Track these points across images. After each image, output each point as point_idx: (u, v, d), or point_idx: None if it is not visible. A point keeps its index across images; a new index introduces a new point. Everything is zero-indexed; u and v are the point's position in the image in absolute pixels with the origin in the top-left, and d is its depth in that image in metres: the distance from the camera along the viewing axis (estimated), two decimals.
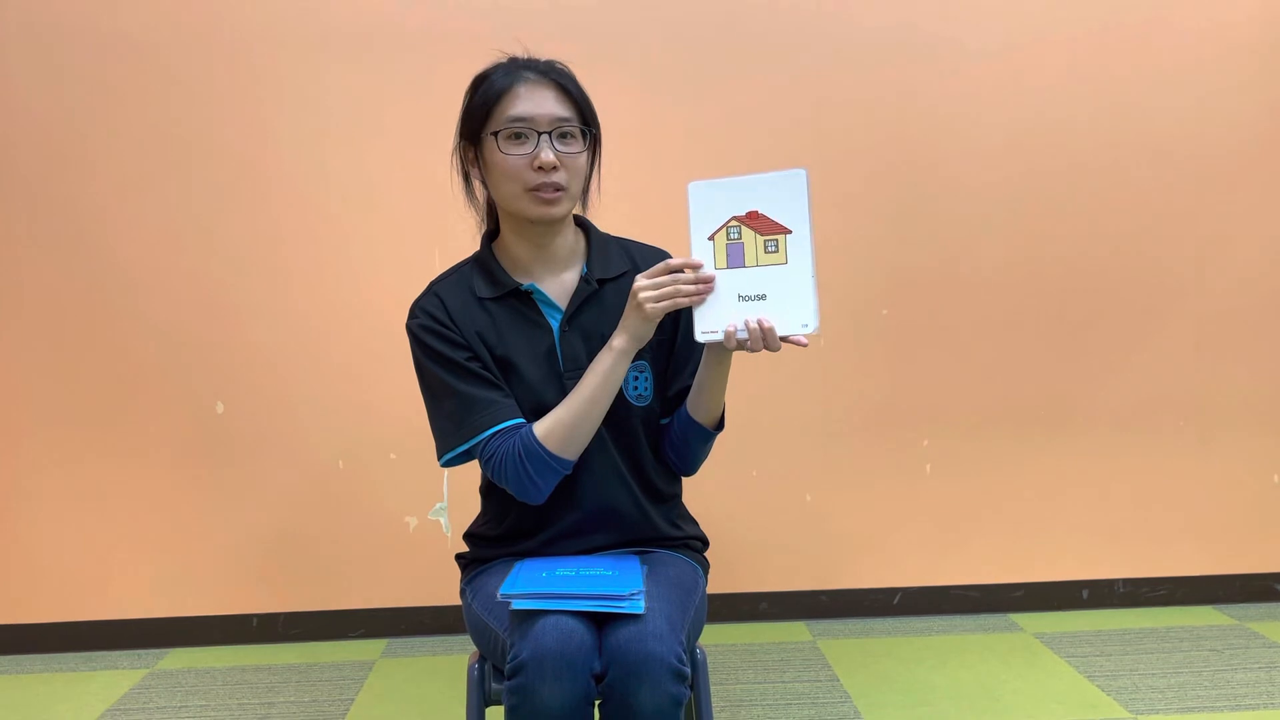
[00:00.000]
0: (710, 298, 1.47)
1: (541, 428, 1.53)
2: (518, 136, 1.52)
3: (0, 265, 2.75)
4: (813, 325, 1.44)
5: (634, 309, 1.50)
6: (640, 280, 1.49)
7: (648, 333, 1.52)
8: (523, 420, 1.56)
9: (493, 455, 1.54)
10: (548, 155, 1.52)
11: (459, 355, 1.57)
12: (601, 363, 1.53)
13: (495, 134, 1.53)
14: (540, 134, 1.52)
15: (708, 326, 1.48)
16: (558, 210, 1.56)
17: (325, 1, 2.73)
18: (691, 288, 1.47)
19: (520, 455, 1.52)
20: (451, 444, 1.58)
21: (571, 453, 1.54)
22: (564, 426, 1.52)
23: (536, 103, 1.52)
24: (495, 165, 1.54)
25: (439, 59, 2.71)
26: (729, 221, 1.47)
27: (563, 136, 1.54)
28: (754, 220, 1.46)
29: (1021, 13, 2.81)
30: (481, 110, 1.55)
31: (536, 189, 1.53)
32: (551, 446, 1.52)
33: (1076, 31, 2.82)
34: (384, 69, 2.74)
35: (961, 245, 2.87)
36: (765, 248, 1.46)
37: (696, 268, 1.47)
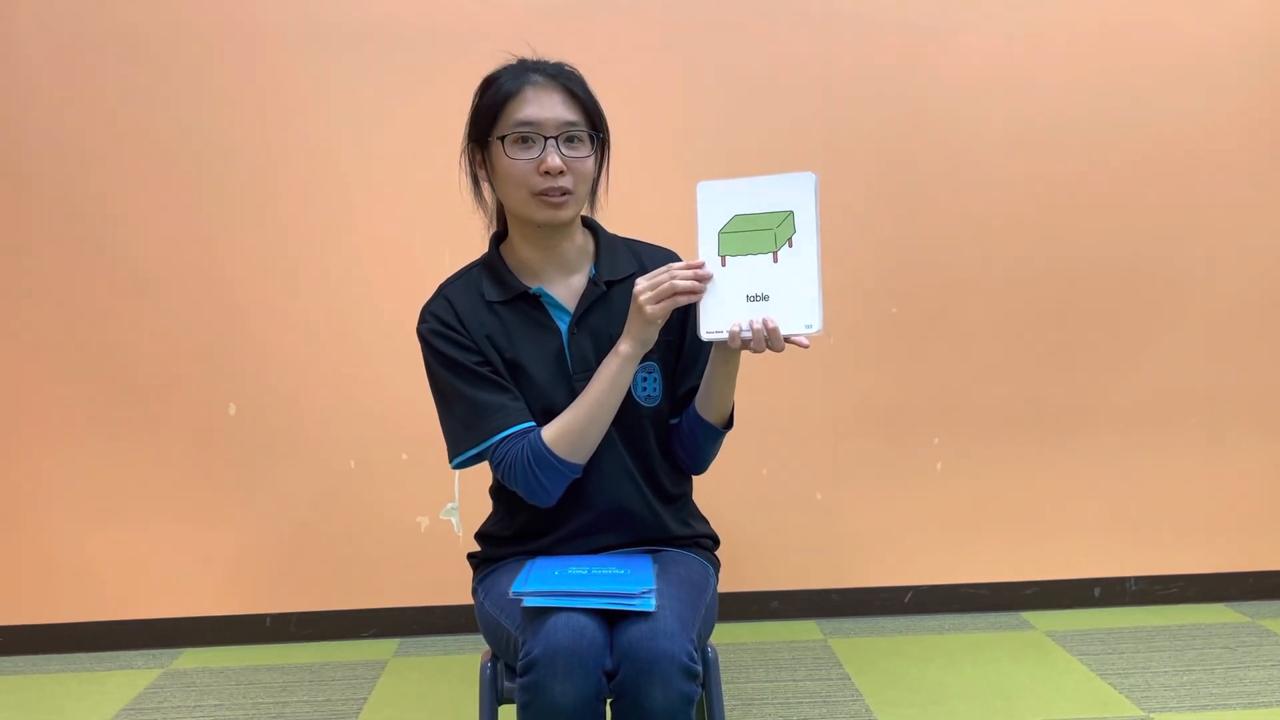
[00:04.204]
0: (714, 297, 1.48)
1: (550, 432, 1.54)
2: (524, 141, 1.53)
3: (14, 268, 2.77)
4: (816, 325, 1.45)
5: (635, 311, 1.50)
6: (640, 283, 1.50)
7: (651, 336, 1.52)
8: (532, 424, 1.57)
9: (503, 459, 1.55)
10: (554, 160, 1.52)
11: (468, 359, 1.58)
12: (608, 367, 1.54)
13: (502, 138, 1.53)
14: (547, 138, 1.52)
15: (712, 326, 1.49)
16: (563, 214, 1.56)
17: (334, 1, 2.74)
18: (686, 283, 1.47)
19: (529, 460, 1.53)
20: (462, 448, 1.59)
21: (580, 456, 1.55)
22: (572, 431, 1.53)
23: (543, 106, 1.53)
24: (502, 170, 1.55)
25: (448, 58, 2.72)
26: (735, 221, 1.48)
27: (570, 140, 1.54)
28: (761, 222, 1.47)
29: (1030, 10, 2.80)
30: (489, 113, 1.55)
31: (543, 193, 1.53)
32: (560, 451, 1.53)
33: (1086, 28, 2.81)
34: (393, 69, 2.75)
35: (971, 243, 2.86)
36: (772, 249, 1.46)
37: (697, 267, 1.48)
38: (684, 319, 1.65)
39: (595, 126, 1.58)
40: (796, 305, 1.45)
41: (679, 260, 1.68)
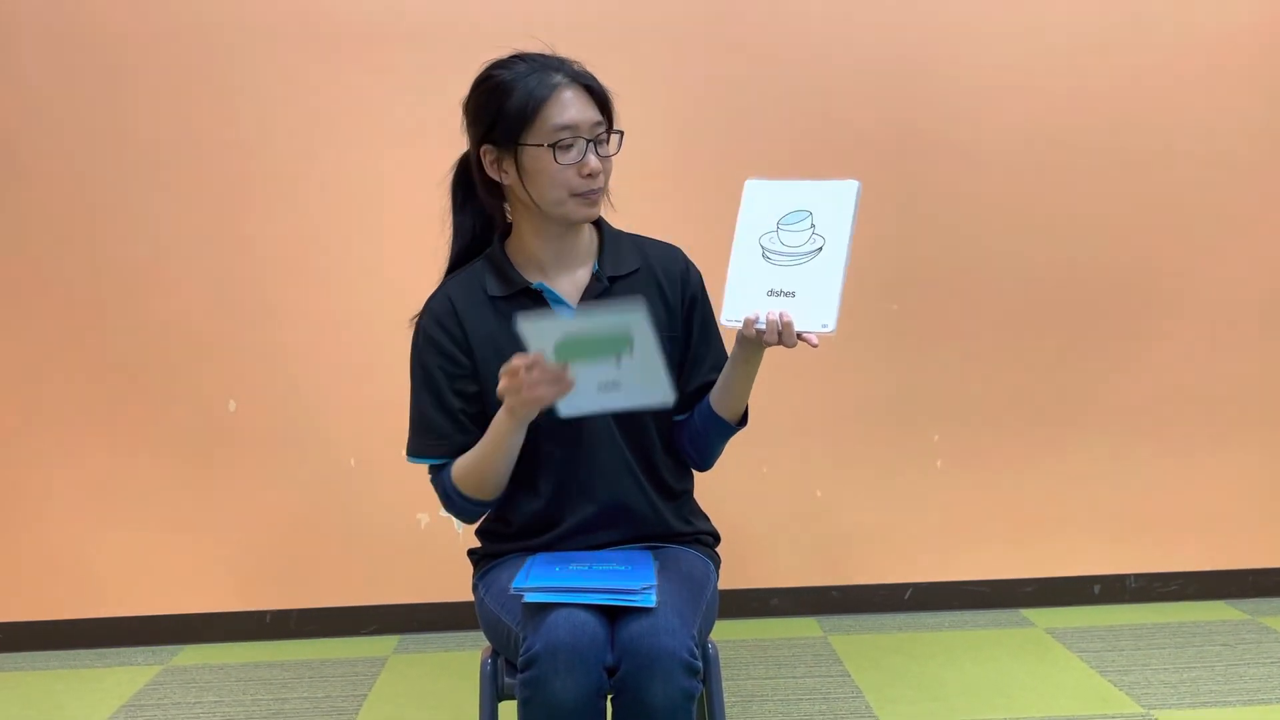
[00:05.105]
0: (741, 288, 1.51)
1: (458, 471, 1.59)
2: (567, 145, 1.54)
3: (14, 263, 2.77)
4: (831, 326, 1.47)
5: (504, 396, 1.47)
6: (501, 373, 1.44)
7: (529, 414, 1.49)
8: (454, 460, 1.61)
9: (431, 480, 1.65)
10: (595, 162, 1.55)
11: (440, 372, 1.62)
12: (500, 424, 1.52)
13: (551, 145, 1.53)
14: (587, 141, 1.55)
15: (731, 314, 1.52)
16: (597, 211, 1.61)
17: (338, 1, 2.74)
18: (550, 389, 1.42)
19: (444, 493, 1.62)
20: (410, 450, 1.67)
21: (486, 494, 1.60)
22: (472, 475, 1.58)
23: (578, 110, 1.55)
24: (541, 172, 1.55)
25: (448, 55, 2.71)
26: (777, 220, 1.51)
27: (599, 141, 1.57)
28: (798, 222, 1.50)
29: (1034, 8, 2.80)
30: (518, 118, 1.54)
31: (582, 194, 1.56)
32: (465, 490, 1.59)
33: (1087, 27, 2.81)
34: (394, 66, 2.74)
35: (972, 240, 2.86)
36: (804, 249, 1.49)
37: (535, 365, 1.40)
38: (689, 316, 1.67)
39: (612, 122, 1.60)
40: (816, 304, 1.47)
41: (681, 255, 1.71)
